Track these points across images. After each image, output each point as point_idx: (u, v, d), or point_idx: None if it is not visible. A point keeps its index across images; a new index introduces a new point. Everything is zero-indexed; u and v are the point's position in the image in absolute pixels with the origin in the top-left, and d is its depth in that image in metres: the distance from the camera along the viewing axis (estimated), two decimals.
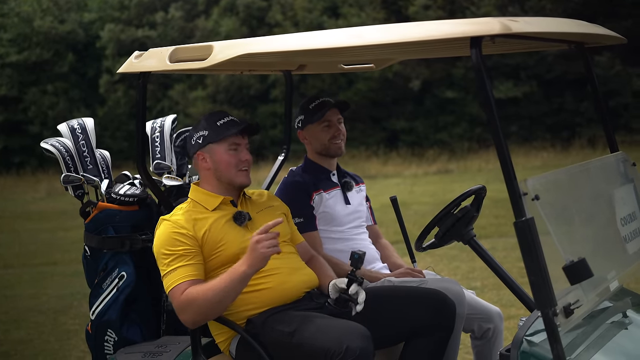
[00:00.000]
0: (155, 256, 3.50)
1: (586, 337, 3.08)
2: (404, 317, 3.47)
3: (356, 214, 4.24)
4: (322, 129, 4.18)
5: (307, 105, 4.22)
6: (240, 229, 3.56)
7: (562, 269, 2.72)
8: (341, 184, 4.26)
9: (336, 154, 4.23)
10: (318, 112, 4.17)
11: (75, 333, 7.81)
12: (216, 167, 3.61)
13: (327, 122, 4.18)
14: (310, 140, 4.23)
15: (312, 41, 3.16)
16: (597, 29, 3.38)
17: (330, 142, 4.19)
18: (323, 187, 4.17)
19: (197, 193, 3.67)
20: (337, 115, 4.22)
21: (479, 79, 2.75)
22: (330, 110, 4.18)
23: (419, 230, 4.04)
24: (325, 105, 4.18)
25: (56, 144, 4.20)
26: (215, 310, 3.36)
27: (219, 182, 3.63)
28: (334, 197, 4.20)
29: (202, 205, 3.60)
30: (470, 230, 3.83)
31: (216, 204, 3.60)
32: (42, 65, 32.23)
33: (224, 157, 3.59)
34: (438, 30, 2.83)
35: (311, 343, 3.23)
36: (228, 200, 3.64)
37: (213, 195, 3.63)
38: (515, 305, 7.22)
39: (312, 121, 4.18)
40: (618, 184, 3.61)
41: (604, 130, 3.79)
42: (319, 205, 4.12)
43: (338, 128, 4.20)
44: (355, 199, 4.28)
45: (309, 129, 4.21)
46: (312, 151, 4.27)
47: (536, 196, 2.72)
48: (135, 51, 3.68)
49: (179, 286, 3.36)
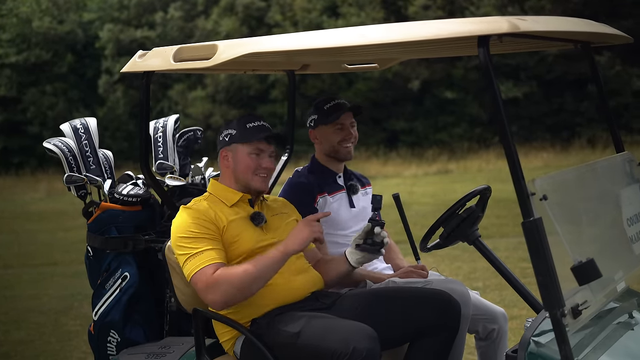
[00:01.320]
0: (175, 243, 3.44)
1: (593, 338, 3.07)
2: (409, 318, 3.45)
3: (360, 217, 4.22)
4: (335, 131, 4.15)
5: (323, 105, 4.18)
6: (256, 229, 3.57)
7: (570, 270, 2.70)
8: (347, 187, 4.23)
9: (345, 158, 4.20)
10: (333, 113, 4.13)
11: (77, 334, 7.79)
12: (235, 167, 3.62)
13: (340, 124, 4.15)
14: (321, 140, 4.20)
15: (317, 40, 3.15)
16: (604, 28, 3.36)
17: (340, 144, 4.16)
18: (328, 190, 4.14)
19: (216, 188, 3.67)
20: (350, 119, 4.19)
21: (486, 78, 2.73)
22: (345, 114, 4.15)
23: (419, 230, 4.02)
24: (340, 107, 4.15)
25: (59, 144, 4.18)
26: (247, 292, 3.32)
27: (236, 182, 3.64)
28: (339, 201, 4.17)
29: (221, 200, 3.61)
30: (475, 230, 3.81)
31: (235, 200, 3.61)
32: (41, 66, 32.23)
33: (245, 159, 3.60)
34: (445, 29, 2.82)
35: (317, 344, 3.22)
36: (246, 199, 3.64)
37: (232, 192, 3.64)
38: (517, 306, 7.20)
39: (325, 122, 4.15)
40: (624, 184, 3.60)
41: (610, 130, 3.77)
42: (322, 208, 4.09)
43: (350, 132, 4.17)
44: (360, 202, 4.25)
45: (321, 129, 4.18)
46: (321, 152, 4.23)
47: (544, 196, 2.71)
48: (138, 51, 3.66)
49: (206, 268, 3.33)
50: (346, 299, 3.60)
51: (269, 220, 3.63)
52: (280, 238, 3.55)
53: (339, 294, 3.66)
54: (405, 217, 4.40)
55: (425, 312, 3.44)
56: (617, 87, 25.27)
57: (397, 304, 3.50)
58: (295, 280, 3.51)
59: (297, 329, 3.31)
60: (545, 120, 26.98)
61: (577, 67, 25.54)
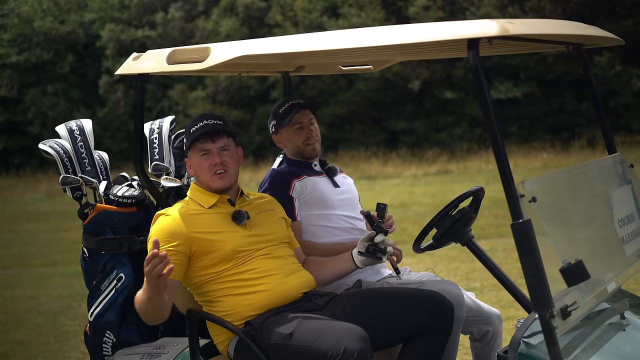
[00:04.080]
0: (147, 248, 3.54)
1: (584, 339, 3.08)
2: (403, 319, 3.46)
3: (349, 196, 4.22)
4: (295, 132, 4.18)
5: (278, 109, 4.21)
6: (238, 227, 3.59)
7: (559, 271, 2.72)
8: (325, 170, 4.26)
9: (311, 156, 4.23)
10: (288, 114, 4.15)
11: (75, 334, 7.81)
12: (195, 173, 3.68)
13: (298, 124, 4.17)
14: (285, 143, 4.24)
15: (309, 43, 3.17)
16: (595, 31, 3.38)
17: (304, 144, 4.19)
18: (307, 174, 4.17)
19: (195, 191, 3.70)
20: (307, 116, 4.20)
21: (476, 81, 2.76)
22: (299, 112, 4.16)
23: (418, 230, 4.03)
24: (294, 107, 4.16)
25: (54, 146, 4.20)
26: (148, 317, 3.41)
27: (203, 186, 3.67)
28: (321, 182, 4.18)
29: (199, 203, 3.64)
30: (468, 231, 3.82)
31: (212, 202, 3.63)
32: (42, 66, 32.22)
33: (198, 162, 3.64)
34: (435, 33, 2.84)
35: (309, 345, 3.23)
36: (225, 199, 3.66)
37: (209, 194, 3.66)
38: (514, 307, 7.21)
39: (283, 125, 4.17)
40: (616, 185, 3.61)
41: (602, 132, 3.79)
42: (303, 191, 4.10)
43: (310, 129, 4.19)
44: (343, 182, 4.27)
45: (282, 133, 4.21)
46: (289, 154, 4.28)
47: (533, 198, 2.72)
48: (133, 52, 3.68)
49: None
50: (340, 299, 3.61)
51: (252, 218, 3.64)
52: (265, 234, 3.59)
53: (333, 295, 3.67)
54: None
55: (418, 313, 3.45)
56: (616, 87, 25.26)
57: (391, 305, 3.51)
58: (287, 281, 3.53)
59: (289, 330, 3.33)
60: (545, 121, 26.96)
61: (577, 68, 25.51)
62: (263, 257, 3.55)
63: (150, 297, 3.26)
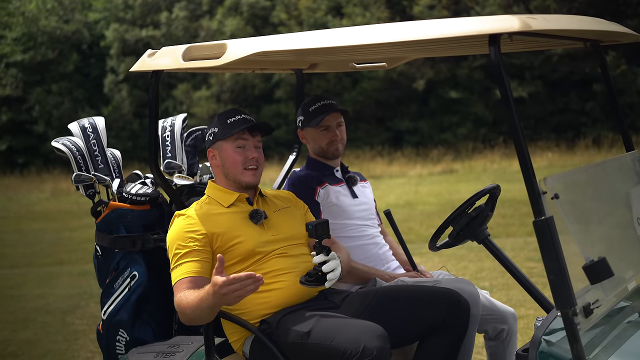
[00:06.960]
0: (168, 249, 3.51)
1: (604, 337, 3.06)
2: (419, 317, 3.44)
3: (366, 207, 4.23)
4: (320, 133, 4.18)
5: (308, 107, 4.21)
6: (256, 227, 3.56)
7: (582, 269, 2.70)
8: (345, 179, 4.26)
9: (334, 156, 4.24)
10: (318, 115, 4.15)
11: (83, 333, 7.79)
12: (224, 165, 3.63)
13: (325, 127, 4.17)
14: (309, 140, 4.25)
15: (327, 39, 3.15)
16: (614, 27, 3.36)
17: (327, 146, 4.18)
18: (329, 181, 4.17)
19: (213, 190, 3.67)
20: (337, 119, 4.19)
21: (498, 77, 2.74)
22: (329, 115, 4.15)
23: (425, 230, 4.02)
24: (325, 109, 4.15)
25: (67, 143, 4.18)
26: (197, 321, 3.32)
27: (228, 180, 3.63)
28: (341, 191, 4.19)
29: (218, 202, 3.61)
30: (484, 229, 3.80)
31: (231, 201, 3.61)
32: (47, 65, 32.25)
33: (231, 154, 3.60)
34: (455, 28, 2.82)
35: (327, 343, 3.21)
36: (244, 198, 3.64)
37: (228, 192, 3.63)
38: (524, 306, 7.20)
39: (311, 125, 4.17)
40: (634, 183, 3.59)
41: (620, 129, 3.76)
42: (325, 198, 4.12)
43: (336, 133, 4.19)
44: (361, 193, 4.27)
45: (308, 131, 4.22)
46: (312, 151, 4.29)
47: (555, 195, 2.70)
48: (147, 50, 3.66)
49: (180, 281, 3.37)
50: (355, 297, 3.59)
51: (270, 217, 3.62)
52: (282, 233, 3.56)
53: (348, 292, 3.65)
54: (399, 232, 4.35)
55: (434, 312, 3.43)
56: (622, 86, 25.22)
57: (407, 302, 3.49)
58: None
59: (306, 328, 3.30)
60: (550, 120, 26.94)
61: (582, 67, 25.51)
62: (279, 256, 3.53)
63: (212, 306, 3.17)
